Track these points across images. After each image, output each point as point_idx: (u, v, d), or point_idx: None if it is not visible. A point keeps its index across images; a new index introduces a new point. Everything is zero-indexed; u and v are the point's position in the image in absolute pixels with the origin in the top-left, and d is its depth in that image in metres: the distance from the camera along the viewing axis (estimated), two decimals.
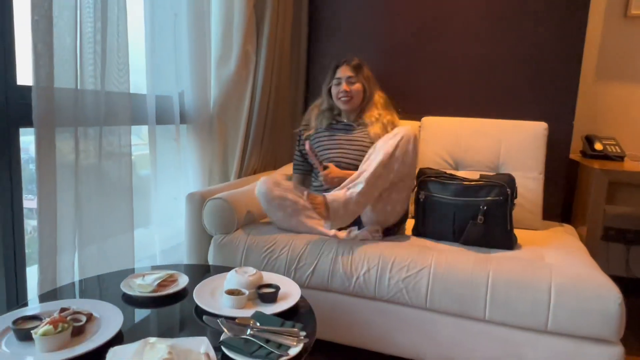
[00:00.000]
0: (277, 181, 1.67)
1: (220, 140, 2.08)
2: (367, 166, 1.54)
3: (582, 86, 2.20)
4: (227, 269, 1.36)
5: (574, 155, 2.24)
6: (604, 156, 2.15)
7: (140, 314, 1.14)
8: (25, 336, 0.94)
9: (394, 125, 1.80)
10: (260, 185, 1.64)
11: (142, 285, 1.23)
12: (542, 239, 1.71)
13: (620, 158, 2.13)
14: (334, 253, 1.53)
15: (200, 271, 1.45)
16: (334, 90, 1.86)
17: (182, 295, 1.24)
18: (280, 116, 2.36)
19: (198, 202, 1.67)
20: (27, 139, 1.26)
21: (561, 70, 2.06)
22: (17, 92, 1.22)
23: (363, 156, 1.68)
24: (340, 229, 1.64)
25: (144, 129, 1.77)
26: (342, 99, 1.83)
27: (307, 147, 1.65)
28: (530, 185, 1.85)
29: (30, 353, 0.91)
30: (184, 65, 1.85)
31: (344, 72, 1.85)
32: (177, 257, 1.89)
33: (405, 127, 1.57)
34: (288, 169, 2.24)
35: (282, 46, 2.26)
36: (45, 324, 0.93)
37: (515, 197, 1.61)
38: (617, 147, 2.18)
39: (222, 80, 2.01)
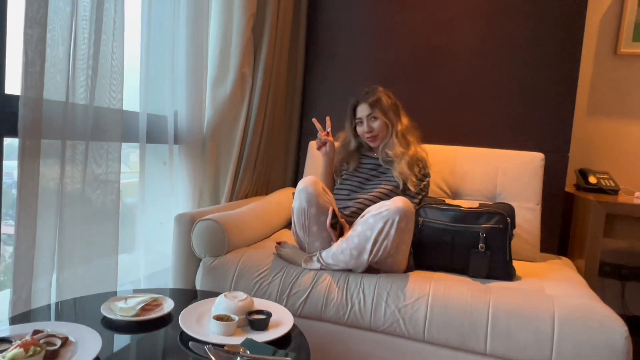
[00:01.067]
0: (326, 189, 1.61)
1: (212, 162, 2.03)
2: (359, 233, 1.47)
3: (575, 121, 2.22)
4: (215, 294, 1.29)
5: (568, 188, 2.23)
6: (598, 189, 2.14)
7: (121, 339, 1.06)
8: None
9: (417, 160, 1.79)
10: (310, 183, 1.53)
11: (123, 308, 1.15)
12: (540, 270, 1.67)
13: (614, 192, 2.12)
14: (328, 281, 1.46)
15: (187, 296, 1.37)
16: (359, 130, 1.87)
17: (166, 320, 1.16)
18: (274, 140, 2.33)
19: (187, 223, 1.60)
20: (12, 164, 1.21)
21: (556, 102, 2.07)
22: (4, 100, 1.17)
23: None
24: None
25: (133, 156, 1.71)
26: (368, 138, 1.85)
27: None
28: (527, 216, 1.83)
29: None
30: (180, 84, 1.82)
31: (363, 110, 1.84)
32: (163, 282, 1.80)
33: (393, 207, 1.41)
34: (280, 194, 2.19)
35: (279, 70, 2.26)
36: (15, 347, 0.85)
37: (514, 227, 1.58)
38: (610, 181, 2.18)
39: (217, 101, 1.99)
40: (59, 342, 0.92)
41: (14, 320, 1.10)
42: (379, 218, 1.42)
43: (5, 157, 1.19)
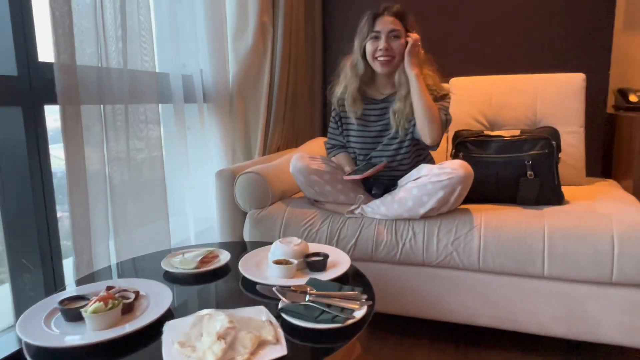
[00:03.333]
0: (312, 155, 1.57)
1: (241, 118, 2.01)
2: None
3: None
4: (264, 244, 1.31)
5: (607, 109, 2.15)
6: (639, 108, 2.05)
7: (185, 291, 1.09)
8: (73, 316, 0.89)
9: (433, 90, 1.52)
10: (296, 161, 1.53)
11: (183, 262, 1.18)
12: (589, 193, 1.63)
13: None
14: (376, 222, 1.46)
15: (237, 248, 1.39)
16: (369, 47, 1.49)
17: (225, 271, 1.19)
18: (299, 90, 2.28)
19: (229, 178, 1.60)
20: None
21: (594, 18, 1.96)
22: (40, 68, 1.16)
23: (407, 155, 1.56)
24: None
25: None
26: (380, 58, 1.49)
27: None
28: (571, 140, 1.77)
29: (80, 332, 0.85)
30: (201, 41, 1.77)
31: (384, 23, 1.47)
32: (209, 239, 1.83)
33: (455, 176, 1.34)
34: (311, 145, 2.17)
35: (297, 16, 2.18)
36: (95, 302, 0.87)
37: (560, 151, 1.54)
38: None
39: (240, 55, 1.94)
40: (132, 296, 0.95)
41: (80, 282, 1.13)
42: (439, 187, 1.35)
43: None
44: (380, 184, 1.62)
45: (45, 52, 1.17)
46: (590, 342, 1.31)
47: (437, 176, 1.36)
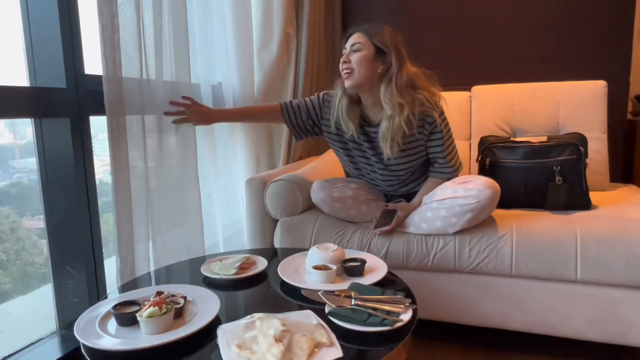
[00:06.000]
0: (331, 182, 1.57)
1: (265, 127, 2.04)
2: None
3: None
4: (296, 250, 1.33)
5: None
6: None
7: (227, 296, 1.11)
8: (126, 320, 0.92)
9: (422, 112, 1.40)
10: (317, 192, 1.54)
11: (223, 268, 1.20)
12: (614, 198, 1.65)
13: None
14: (405, 234, 1.47)
15: (269, 254, 1.41)
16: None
17: (263, 277, 1.21)
18: None
19: (259, 186, 1.63)
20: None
21: (613, 25, 1.99)
22: (85, 80, 1.20)
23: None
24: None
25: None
26: (342, 72, 1.42)
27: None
28: (594, 146, 1.79)
29: (135, 336, 0.88)
30: (230, 52, 1.81)
31: (350, 40, 1.43)
32: (236, 245, 1.85)
33: (483, 197, 1.34)
34: (331, 154, 2.18)
35: (319, 28, 2.22)
36: (150, 306, 0.90)
37: (587, 156, 1.56)
38: None
39: (265, 65, 1.98)
40: (182, 301, 0.97)
41: (124, 287, 1.15)
42: (467, 209, 1.35)
43: None
44: (397, 201, 1.64)
45: (89, 64, 1.22)
46: (624, 345, 1.32)
47: (464, 199, 1.35)
